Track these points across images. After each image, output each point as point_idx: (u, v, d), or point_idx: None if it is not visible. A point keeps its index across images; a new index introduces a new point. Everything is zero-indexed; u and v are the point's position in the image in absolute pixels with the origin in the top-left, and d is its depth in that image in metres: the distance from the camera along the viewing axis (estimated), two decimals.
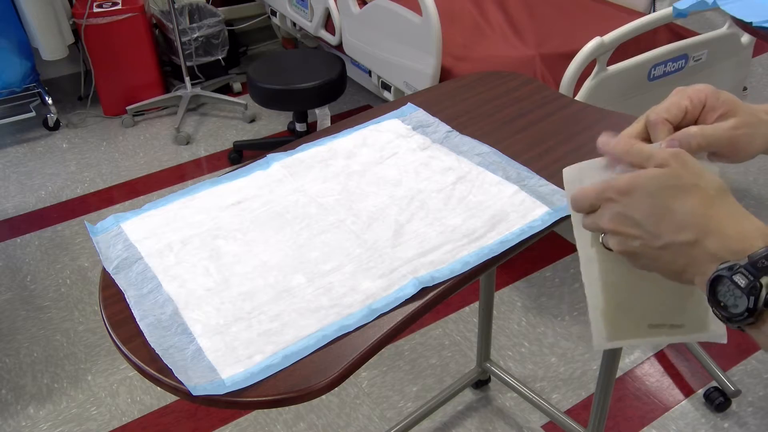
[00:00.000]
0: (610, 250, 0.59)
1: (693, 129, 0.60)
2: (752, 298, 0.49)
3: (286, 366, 0.75)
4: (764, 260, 0.48)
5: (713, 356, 1.84)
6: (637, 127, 0.63)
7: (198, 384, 0.73)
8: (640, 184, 0.54)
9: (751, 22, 1.31)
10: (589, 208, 0.58)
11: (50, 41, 2.94)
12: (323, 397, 1.78)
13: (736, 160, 0.63)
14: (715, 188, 0.53)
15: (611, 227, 0.56)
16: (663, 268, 0.55)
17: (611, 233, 0.56)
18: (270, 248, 0.93)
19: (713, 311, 0.52)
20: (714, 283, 0.51)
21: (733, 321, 0.51)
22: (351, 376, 0.76)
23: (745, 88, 2.48)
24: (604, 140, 0.60)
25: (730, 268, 0.50)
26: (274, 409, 1.81)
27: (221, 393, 0.72)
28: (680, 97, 0.63)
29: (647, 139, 0.62)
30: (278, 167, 1.09)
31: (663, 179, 0.53)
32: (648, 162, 0.55)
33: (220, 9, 3.37)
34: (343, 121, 1.21)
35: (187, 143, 3.03)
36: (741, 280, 0.49)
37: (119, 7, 3.00)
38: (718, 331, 0.64)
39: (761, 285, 0.48)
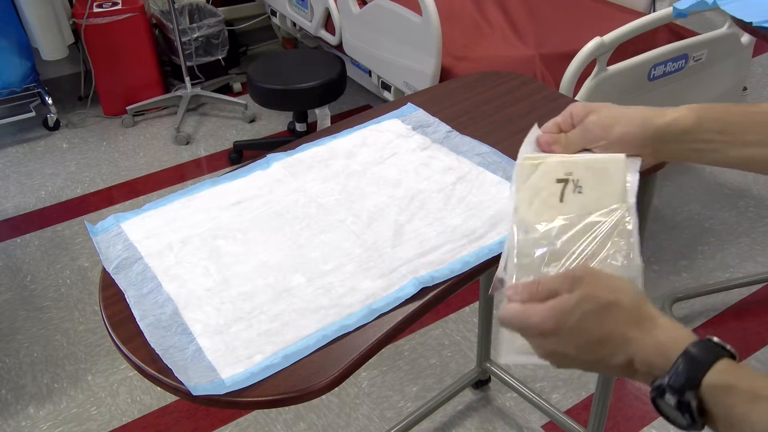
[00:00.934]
0: None
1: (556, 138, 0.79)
2: (687, 414, 0.50)
3: (286, 366, 0.75)
4: (678, 379, 0.50)
5: None
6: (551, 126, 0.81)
7: (198, 384, 0.73)
8: (562, 322, 0.55)
9: (751, 22, 1.31)
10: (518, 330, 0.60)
11: (50, 41, 2.94)
12: (323, 397, 1.78)
13: (611, 151, 0.74)
14: (631, 299, 0.54)
15: (547, 359, 0.57)
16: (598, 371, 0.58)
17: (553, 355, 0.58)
18: (270, 248, 0.93)
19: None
20: (655, 404, 0.52)
21: (690, 428, 0.51)
22: (351, 376, 0.76)
23: (745, 88, 2.48)
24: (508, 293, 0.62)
25: (659, 389, 0.51)
26: (274, 409, 1.81)
27: (221, 393, 0.72)
28: (555, 120, 0.80)
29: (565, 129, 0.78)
30: (278, 167, 1.09)
31: (581, 306, 0.54)
32: (559, 289, 0.56)
33: (220, 9, 3.37)
34: (343, 121, 1.21)
35: (187, 143, 3.03)
36: (671, 401, 0.50)
37: (119, 7, 3.00)
38: None
39: (688, 400, 0.49)
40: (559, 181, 0.74)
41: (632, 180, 0.74)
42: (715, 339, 0.52)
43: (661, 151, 0.73)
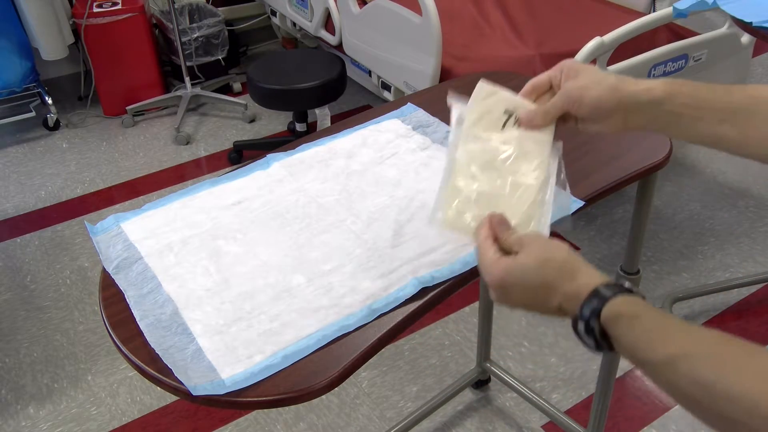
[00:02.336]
0: None
1: (533, 109, 0.82)
2: (592, 337, 0.61)
3: (286, 366, 0.75)
4: (585, 310, 0.62)
5: None
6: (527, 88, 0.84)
7: (198, 384, 0.73)
8: (509, 274, 0.67)
9: (751, 22, 1.31)
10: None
11: (50, 41, 2.94)
12: (323, 397, 1.78)
13: (585, 114, 0.77)
14: (563, 256, 0.66)
15: (497, 301, 0.70)
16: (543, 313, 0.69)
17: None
18: (270, 248, 0.93)
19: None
20: (575, 332, 0.64)
21: (599, 351, 0.63)
22: (351, 376, 0.76)
23: None
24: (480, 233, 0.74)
25: (574, 319, 0.63)
26: (274, 409, 1.81)
27: (221, 393, 0.72)
28: (548, 72, 0.83)
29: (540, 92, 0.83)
30: (278, 167, 1.09)
31: (525, 262, 0.67)
32: (512, 248, 0.69)
33: (220, 9, 3.37)
34: (343, 121, 1.21)
35: (187, 143, 3.03)
36: (581, 327, 0.62)
37: (119, 7, 3.00)
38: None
39: (592, 326, 0.61)
40: (506, 112, 0.84)
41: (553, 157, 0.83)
42: (626, 284, 0.63)
43: (631, 119, 0.75)
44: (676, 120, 0.72)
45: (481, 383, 1.87)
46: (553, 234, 0.76)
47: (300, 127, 2.78)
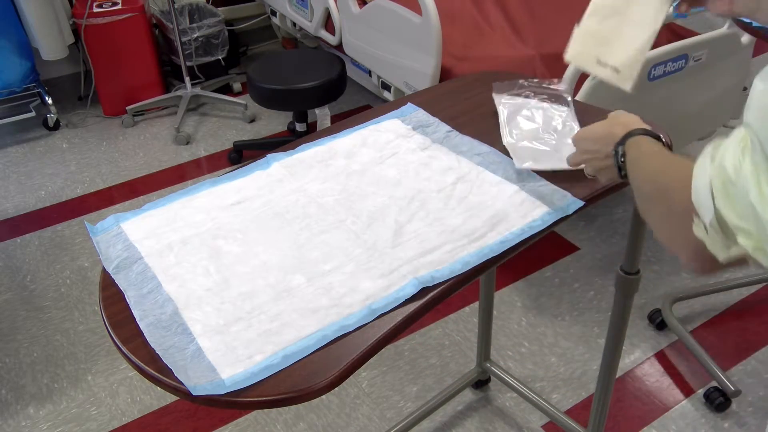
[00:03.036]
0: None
1: None
2: (617, 160, 0.83)
3: (286, 366, 0.75)
4: (622, 138, 0.82)
5: (713, 356, 1.84)
6: None
7: (198, 384, 0.73)
8: (586, 130, 0.92)
9: (751, 22, 1.31)
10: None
11: (50, 41, 2.94)
12: (323, 397, 1.78)
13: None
14: (621, 116, 0.88)
15: (584, 157, 0.92)
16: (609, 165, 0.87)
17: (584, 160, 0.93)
18: (270, 248, 0.93)
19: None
20: (615, 156, 0.84)
21: (621, 175, 0.83)
22: (351, 376, 0.76)
23: (745, 88, 2.48)
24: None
25: (615, 149, 0.84)
26: (274, 409, 1.81)
27: (221, 393, 0.72)
28: None
29: None
30: (278, 167, 1.09)
31: (597, 124, 0.90)
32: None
33: (220, 9, 3.37)
34: (343, 121, 1.21)
35: (187, 143, 3.03)
36: (616, 149, 0.83)
37: (119, 7, 3.00)
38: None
39: (617, 150, 0.82)
40: None
41: None
42: (659, 133, 0.82)
43: None
44: None
45: (481, 383, 1.87)
46: (551, 234, 0.77)
47: (300, 127, 2.78)
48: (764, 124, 0.55)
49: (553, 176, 1.05)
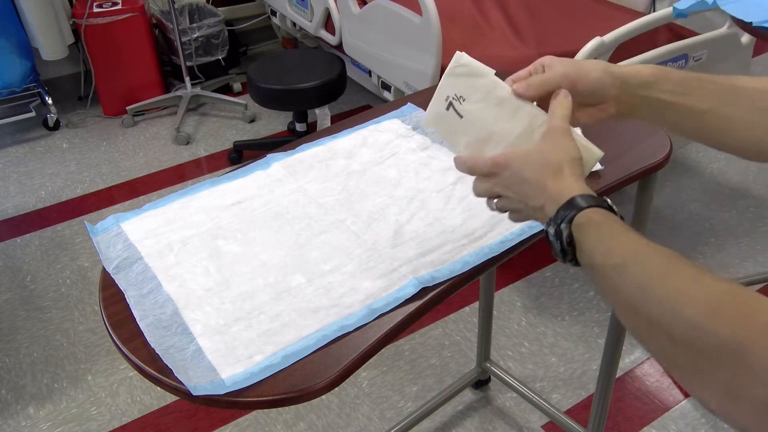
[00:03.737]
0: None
1: (529, 80, 0.77)
2: (559, 241, 0.65)
3: (286, 366, 0.75)
4: (558, 215, 0.65)
5: None
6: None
7: (198, 384, 0.73)
8: (512, 161, 0.71)
9: (751, 22, 1.31)
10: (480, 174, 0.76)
11: (50, 41, 2.94)
12: (323, 397, 1.78)
13: (581, 95, 0.74)
14: (561, 158, 0.69)
15: (496, 191, 0.73)
16: (527, 216, 0.73)
17: (496, 195, 0.75)
18: (270, 248, 0.93)
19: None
20: (546, 235, 0.67)
21: (564, 260, 0.66)
22: (351, 376, 0.76)
23: None
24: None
25: (548, 222, 0.67)
26: (274, 409, 1.81)
27: (221, 393, 0.72)
28: (528, 67, 0.79)
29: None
30: (278, 167, 1.09)
31: (522, 157, 0.71)
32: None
33: (220, 9, 3.37)
34: (343, 121, 1.21)
35: (187, 143, 3.03)
36: (551, 230, 0.66)
37: (119, 7, 3.00)
38: None
39: (561, 230, 0.65)
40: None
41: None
42: (607, 200, 0.66)
43: (621, 104, 0.75)
44: (663, 106, 0.72)
45: (481, 383, 1.87)
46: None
47: (300, 127, 2.78)
48: None
49: None
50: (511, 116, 0.77)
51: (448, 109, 0.81)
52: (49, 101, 3.09)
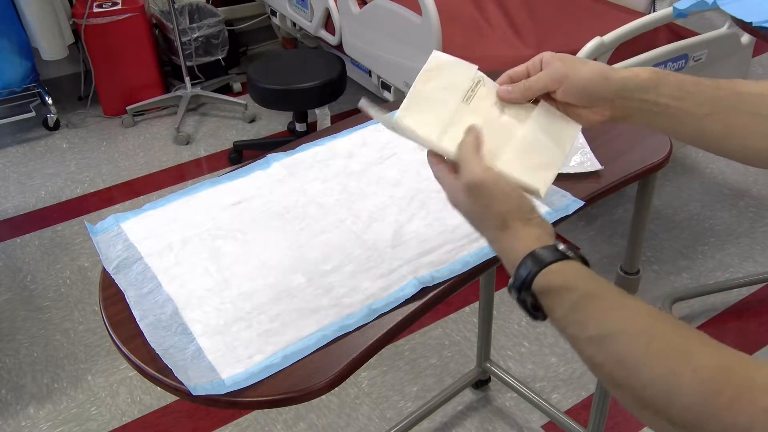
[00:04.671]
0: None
1: (517, 84, 0.76)
2: (525, 309, 0.61)
3: (286, 366, 0.75)
4: (516, 281, 0.61)
5: None
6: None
7: (198, 384, 0.73)
8: (486, 183, 0.67)
9: (751, 22, 1.31)
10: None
11: (50, 41, 2.94)
12: (323, 397, 1.78)
13: (571, 97, 0.73)
14: (500, 214, 0.65)
15: (461, 202, 0.71)
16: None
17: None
18: (270, 248, 0.93)
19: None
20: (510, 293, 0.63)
21: (536, 320, 0.62)
22: (351, 376, 0.76)
23: None
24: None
25: (509, 287, 0.63)
26: (274, 409, 1.81)
27: (221, 393, 0.72)
28: (526, 63, 0.78)
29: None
30: (278, 167, 1.09)
31: (472, 205, 0.69)
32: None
33: (220, 9, 3.37)
34: (343, 121, 1.21)
35: (187, 143, 3.03)
36: (514, 296, 0.62)
37: (119, 7, 3.00)
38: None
39: (524, 298, 0.60)
40: (473, 80, 0.80)
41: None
42: (561, 246, 0.61)
43: (616, 107, 0.72)
44: (661, 110, 0.70)
45: (481, 383, 1.87)
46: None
47: (300, 127, 2.78)
48: None
49: None
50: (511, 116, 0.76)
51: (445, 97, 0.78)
52: (49, 101, 3.09)
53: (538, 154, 0.74)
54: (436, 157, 0.75)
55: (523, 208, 0.65)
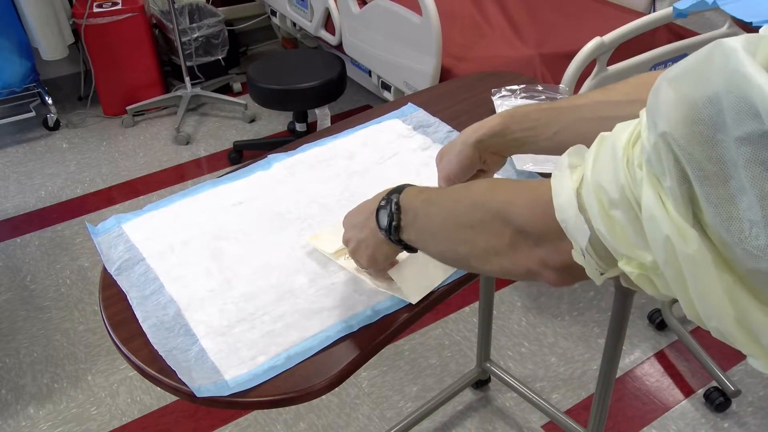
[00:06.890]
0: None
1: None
2: (389, 206, 0.74)
3: (290, 367, 0.76)
4: (391, 194, 0.75)
5: (713, 356, 1.84)
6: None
7: (202, 385, 0.73)
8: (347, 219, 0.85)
9: (751, 22, 1.31)
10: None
11: (50, 41, 2.94)
12: (323, 397, 1.78)
13: (462, 177, 0.88)
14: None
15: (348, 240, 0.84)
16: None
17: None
18: (272, 249, 0.93)
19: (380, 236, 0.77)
20: (377, 214, 0.76)
21: (390, 237, 0.74)
22: (351, 376, 0.76)
23: None
24: None
25: (380, 202, 0.76)
26: (274, 409, 1.81)
27: (225, 394, 0.72)
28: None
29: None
30: (279, 167, 1.09)
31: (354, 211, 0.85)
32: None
33: (220, 9, 3.37)
34: (343, 121, 1.22)
35: (187, 143, 3.03)
36: (384, 203, 0.75)
37: (119, 7, 3.00)
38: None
39: (391, 198, 0.74)
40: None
41: None
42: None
43: (492, 153, 0.86)
44: (520, 143, 0.82)
45: (481, 383, 1.87)
46: None
47: (300, 127, 2.78)
48: (689, 132, 0.41)
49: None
50: None
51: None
52: (49, 101, 3.09)
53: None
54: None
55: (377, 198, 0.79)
